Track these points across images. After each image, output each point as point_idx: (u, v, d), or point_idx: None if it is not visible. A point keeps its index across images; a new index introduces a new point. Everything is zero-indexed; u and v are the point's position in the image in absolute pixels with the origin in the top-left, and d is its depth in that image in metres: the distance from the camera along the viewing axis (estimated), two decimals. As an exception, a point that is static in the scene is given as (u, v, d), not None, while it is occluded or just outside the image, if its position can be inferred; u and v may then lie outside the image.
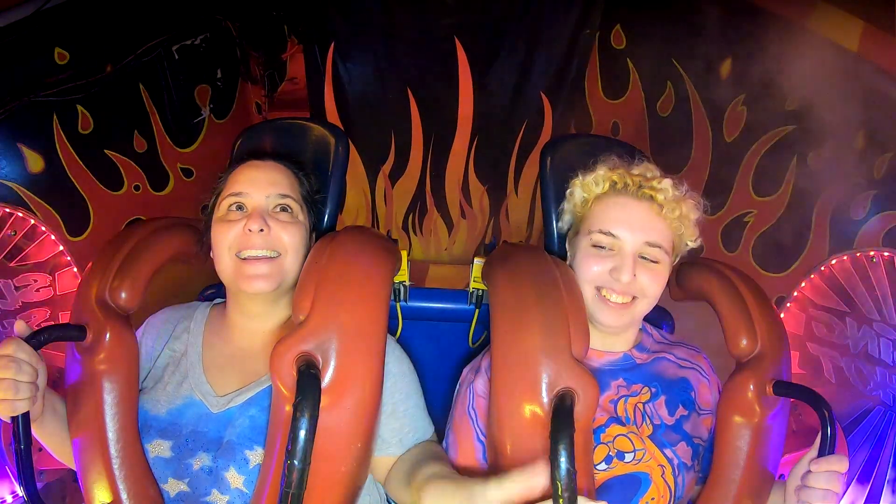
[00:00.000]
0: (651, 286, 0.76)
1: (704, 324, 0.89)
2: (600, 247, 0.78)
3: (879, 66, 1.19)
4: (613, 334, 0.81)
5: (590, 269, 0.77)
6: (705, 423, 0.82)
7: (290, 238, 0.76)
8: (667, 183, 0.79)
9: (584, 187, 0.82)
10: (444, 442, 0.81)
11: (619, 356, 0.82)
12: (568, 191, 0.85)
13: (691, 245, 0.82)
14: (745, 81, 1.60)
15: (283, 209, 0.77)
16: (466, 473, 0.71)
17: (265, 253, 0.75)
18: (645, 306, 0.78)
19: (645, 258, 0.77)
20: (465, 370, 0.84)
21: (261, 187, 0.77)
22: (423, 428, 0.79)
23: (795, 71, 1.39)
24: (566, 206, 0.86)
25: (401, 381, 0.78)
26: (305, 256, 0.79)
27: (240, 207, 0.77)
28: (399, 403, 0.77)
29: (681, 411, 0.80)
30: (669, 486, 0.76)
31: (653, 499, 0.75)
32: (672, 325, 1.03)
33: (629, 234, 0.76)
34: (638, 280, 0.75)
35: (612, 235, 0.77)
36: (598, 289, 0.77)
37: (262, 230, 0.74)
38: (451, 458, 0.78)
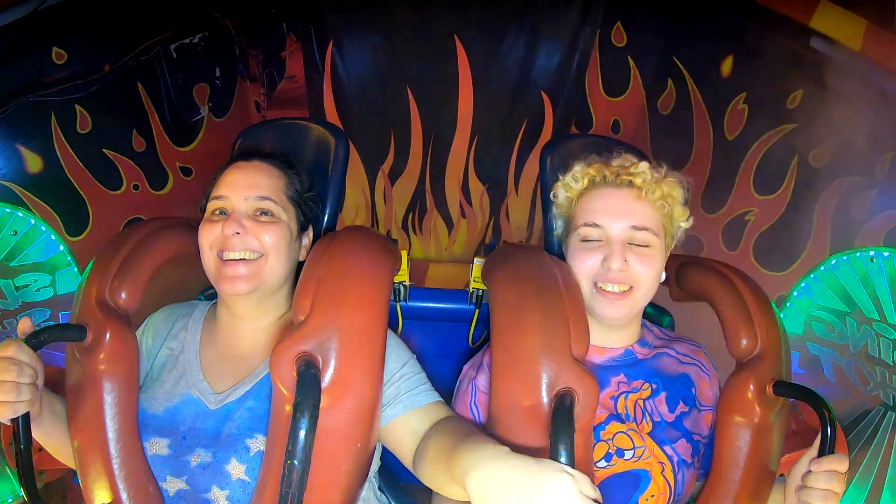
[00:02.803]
0: (645, 271, 0.76)
1: (704, 324, 0.89)
2: (589, 240, 0.78)
3: (882, 64, 1.18)
4: (615, 328, 0.81)
5: (582, 264, 0.78)
6: (705, 420, 0.82)
7: (270, 239, 0.76)
8: (643, 166, 0.79)
9: (566, 187, 0.83)
10: None
11: (620, 352, 0.82)
12: (551, 194, 0.86)
13: (684, 226, 0.82)
14: (747, 79, 1.59)
15: (262, 212, 0.77)
16: None
17: (244, 255, 0.75)
18: (643, 293, 0.77)
19: (634, 244, 0.77)
20: (466, 367, 0.84)
21: (239, 190, 0.77)
22: (424, 391, 0.76)
23: (797, 69, 1.38)
24: (555, 210, 0.87)
25: (394, 353, 0.77)
26: (290, 256, 0.80)
27: (222, 211, 0.78)
28: (395, 372, 0.75)
29: (681, 408, 0.80)
30: (669, 483, 0.76)
31: (653, 496, 0.75)
32: (672, 325, 1.03)
33: (612, 221, 0.77)
34: (631, 267, 0.76)
35: (597, 226, 0.78)
36: (595, 282, 0.77)
37: (237, 233, 0.74)
38: None
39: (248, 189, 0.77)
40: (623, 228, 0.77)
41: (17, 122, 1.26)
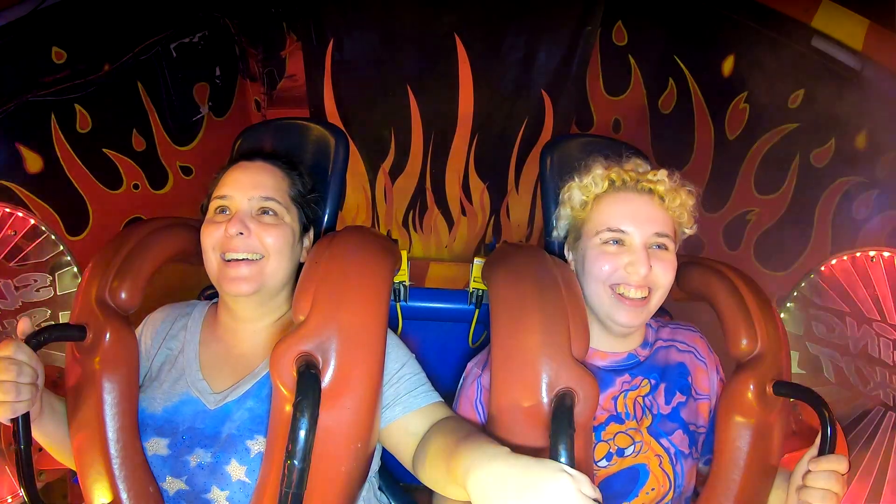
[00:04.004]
0: (664, 275, 0.76)
1: (704, 324, 0.89)
2: (610, 244, 0.77)
3: (884, 64, 1.18)
4: (626, 335, 0.81)
5: (601, 269, 0.77)
6: (702, 409, 0.82)
7: (272, 240, 0.76)
8: (662, 174, 0.79)
9: (583, 189, 0.82)
10: None
11: (623, 356, 0.82)
12: (564, 196, 0.85)
13: (688, 233, 0.83)
14: (748, 79, 1.59)
15: (265, 212, 0.77)
16: None
17: (247, 255, 0.75)
18: (659, 298, 0.78)
19: (654, 248, 0.77)
20: (470, 364, 0.84)
21: (243, 190, 0.77)
22: (423, 392, 0.76)
23: (799, 69, 1.38)
24: (562, 212, 0.86)
25: (393, 353, 0.77)
26: (292, 259, 0.80)
27: (224, 210, 0.77)
28: (394, 373, 0.75)
29: (678, 398, 0.80)
30: (668, 475, 0.76)
31: (653, 489, 0.76)
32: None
33: (637, 227, 0.76)
34: (653, 270, 0.75)
35: (622, 231, 0.77)
36: (613, 287, 0.76)
37: (241, 233, 0.74)
38: None
39: (252, 189, 0.77)
40: (646, 234, 0.76)
41: (16, 122, 1.26)
